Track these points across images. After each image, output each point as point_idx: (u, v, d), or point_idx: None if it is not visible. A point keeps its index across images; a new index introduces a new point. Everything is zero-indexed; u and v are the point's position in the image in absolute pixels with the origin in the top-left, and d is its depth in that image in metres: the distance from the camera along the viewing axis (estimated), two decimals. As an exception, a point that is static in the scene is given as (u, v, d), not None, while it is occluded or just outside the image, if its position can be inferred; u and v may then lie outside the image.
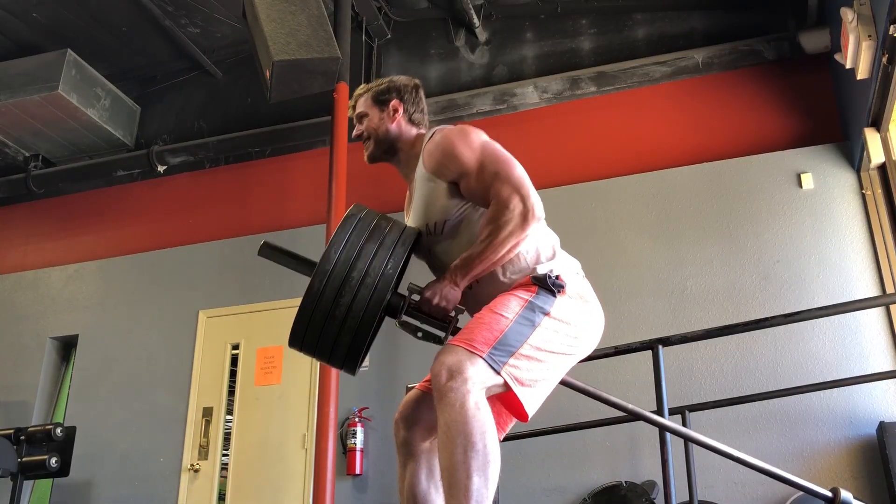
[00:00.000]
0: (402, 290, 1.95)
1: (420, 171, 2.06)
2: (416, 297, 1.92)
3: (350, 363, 1.88)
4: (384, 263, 1.81)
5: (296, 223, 5.64)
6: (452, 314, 1.92)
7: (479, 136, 2.02)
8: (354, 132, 2.23)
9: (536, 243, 1.98)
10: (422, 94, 2.24)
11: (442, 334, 1.92)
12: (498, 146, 2.01)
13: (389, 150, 2.18)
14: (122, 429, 5.40)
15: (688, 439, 2.79)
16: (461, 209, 1.99)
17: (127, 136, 6.36)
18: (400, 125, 2.16)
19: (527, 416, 1.85)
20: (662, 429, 2.51)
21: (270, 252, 1.98)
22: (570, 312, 1.91)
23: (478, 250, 1.89)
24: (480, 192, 1.96)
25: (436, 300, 1.89)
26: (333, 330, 1.80)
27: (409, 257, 1.95)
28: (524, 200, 1.89)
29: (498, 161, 1.96)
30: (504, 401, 1.91)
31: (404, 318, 1.93)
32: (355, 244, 1.83)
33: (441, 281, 1.92)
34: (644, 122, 5.20)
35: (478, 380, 1.73)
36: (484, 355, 1.76)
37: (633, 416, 2.18)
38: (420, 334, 1.93)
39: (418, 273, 2.12)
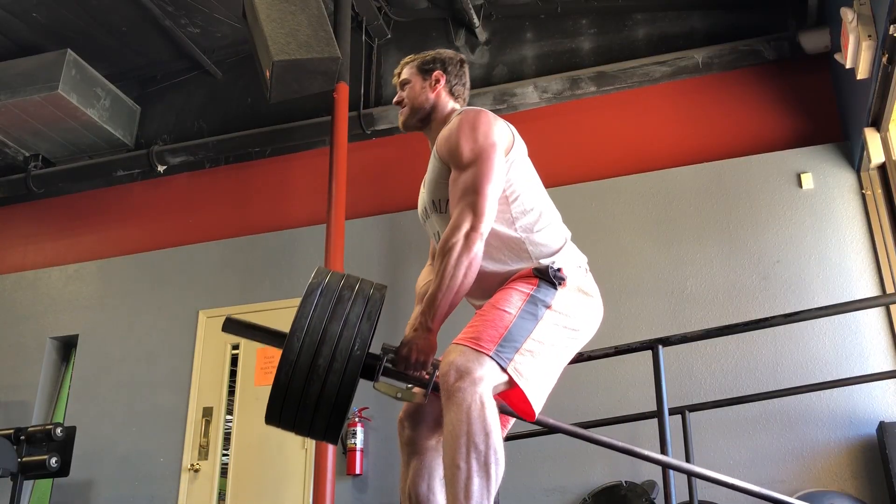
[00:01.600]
0: (376, 348, 1.88)
1: (435, 147, 2.09)
2: (391, 356, 1.88)
3: (330, 437, 1.83)
4: (350, 344, 1.75)
5: (296, 223, 5.64)
6: (431, 368, 1.88)
7: (488, 137, 1.98)
8: (396, 98, 2.27)
9: (543, 235, 1.99)
10: (466, 69, 2.29)
11: (424, 391, 1.89)
12: (496, 155, 1.97)
13: (424, 119, 2.21)
14: (122, 429, 5.40)
15: (691, 474, 2.78)
16: None
17: (127, 136, 6.36)
18: (439, 95, 2.20)
19: (534, 414, 1.85)
20: (666, 466, 2.51)
21: (236, 327, 1.92)
22: (570, 305, 1.92)
23: (435, 286, 1.88)
24: (452, 194, 1.97)
25: (414, 356, 1.87)
26: (307, 415, 1.76)
27: (377, 322, 1.85)
28: (475, 219, 1.88)
29: (482, 174, 1.93)
30: (509, 399, 1.91)
31: (382, 379, 1.88)
32: (318, 326, 1.75)
33: (413, 333, 1.91)
34: (644, 122, 5.20)
35: (486, 379, 1.74)
36: (490, 353, 1.76)
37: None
38: (399, 395, 1.89)
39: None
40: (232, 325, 1.91)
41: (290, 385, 1.73)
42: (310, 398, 1.73)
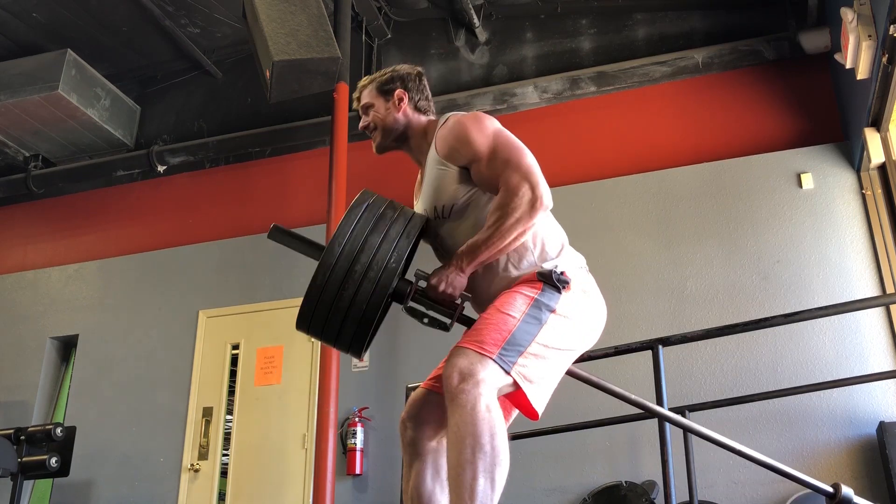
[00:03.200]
0: (410, 275, 1.96)
1: (432, 154, 2.07)
2: (422, 284, 1.93)
3: (355, 347, 1.90)
4: (387, 256, 1.82)
5: (296, 223, 5.63)
6: (458, 300, 1.92)
7: (492, 123, 2.02)
8: (361, 124, 2.23)
9: (544, 238, 1.99)
10: (425, 81, 2.25)
11: (448, 320, 1.93)
12: (510, 134, 2.02)
13: (399, 139, 2.19)
14: (122, 429, 5.40)
15: (687, 429, 2.78)
16: (469, 193, 1.99)
17: (127, 136, 6.36)
18: (406, 114, 2.18)
19: (537, 414, 1.86)
20: (662, 419, 2.51)
21: (280, 235, 1.99)
22: (574, 308, 1.92)
23: (484, 236, 1.89)
24: (490, 179, 1.96)
25: (442, 286, 1.90)
26: (337, 320, 1.83)
27: (417, 245, 1.96)
28: (533, 188, 1.89)
29: (509, 148, 1.96)
30: (512, 399, 1.91)
31: (411, 303, 1.94)
32: (359, 236, 1.84)
33: (447, 267, 1.93)
34: (644, 122, 5.20)
35: (489, 382, 1.74)
36: (494, 357, 1.76)
37: (640, 411, 2.18)
38: (426, 320, 1.93)
39: (427, 258, 2.12)
40: (276, 233, 1.99)
41: (326, 287, 1.80)
42: (342, 301, 1.80)
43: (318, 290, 1.81)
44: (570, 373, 2.00)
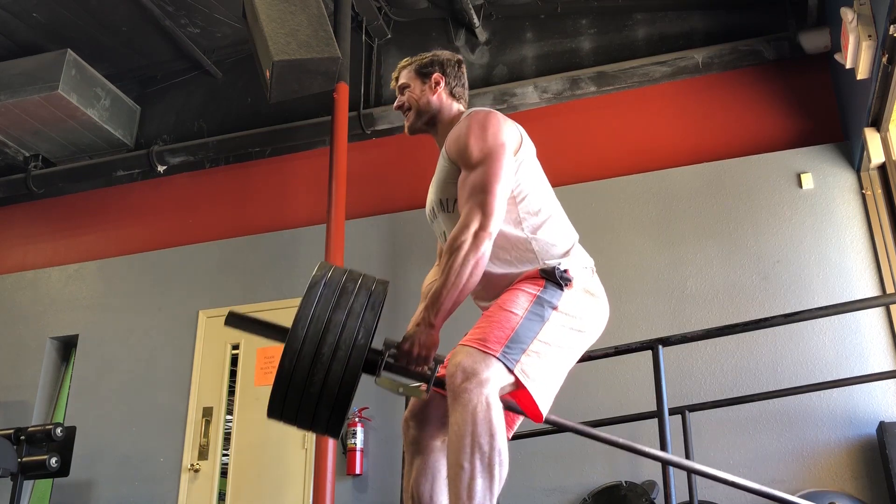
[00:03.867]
0: (378, 343, 1.88)
1: (443, 147, 2.09)
2: (393, 351, 1.87)
3: (333, 430, 1.82)
4: (354, 333, 1.75)
5: (296, 223, 5.64)
6: (432, 364, 1.88)
7: (497, 137, 1.98)
8: (396, 103, 2.26)
9: (550, 237, 1.99)
10: (464, 69, 2.27)
11: (424, 386, 1.88)
12: (504, 159, 1.96)
13: (430, 122, 2.20)
14: (122, 429, 5.40)
15: (691, 471, 2.79)
16: None
17: (127, 136, 6.36)
18: (441, 98, 2.20)
19: (541, 415, 1.86)
20: (665, 463, 2.51)
21: (238, 321, 1.92)
22: (576, 306, 1.92)
23: (440, 284, 1.88)
24: (460, 191, 1.97)
25: (416, 350, 1.87)
26: (310, 406, 1.75)
27: (379, 318, 1.85)
28: (484, 217, 1.88)
29: (491, 175, 1.93)
30: (516, 400, 1.91)
31: (384, 374, 1.88)
32: (322, 315, 1.76)
33: (416, 328, 1.90)
34: (644, 122, 5.20)
35: (493, 380, 1.74)
36: (497, 354, 1.77)
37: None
38: (401, 390, 1.88)
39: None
40: (234, 320, 1.92)
41: (294, 374, 1.73)
42: (313, 387, 1.73)
43: (287, 378, 1.73)
44: (557, 424, 1.97)
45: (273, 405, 1.79)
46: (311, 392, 1.73)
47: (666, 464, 2.42)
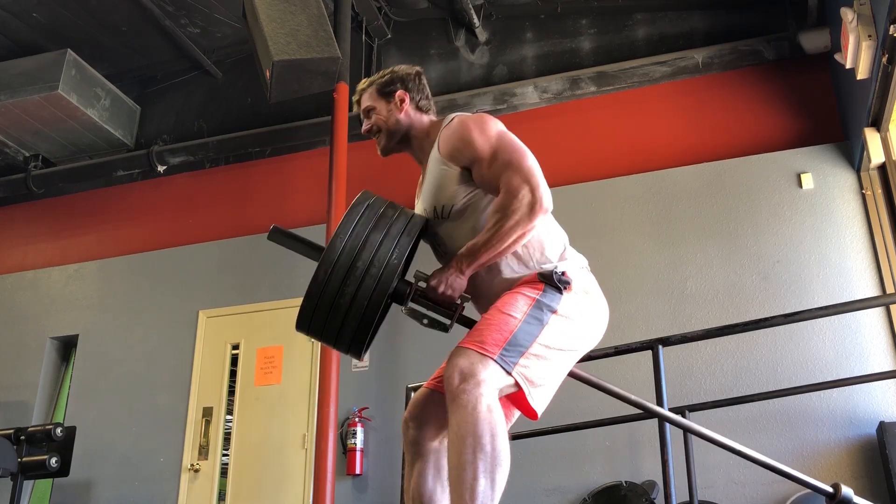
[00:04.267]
0: (409, 276, 1.96)
1: (434, 154, 2.06)
2: (422, 285, 1.93)
3: (355, 348, 1.90)
4: (389, 254, 1.82)
5: (296, 223, 5.64)
6: (458, 301, 1.92)
7: (496, 125, 2.02)
8: (364, 127, 2.24)
9: (545, 240, 1.99)
10: (425, 81, 2.25)
11: (447, 321, 1.93)
12: (513, 137, 2.01)
13: (403, 140, 2.19)
14: (122, 429, 5.40)
15: (686, 429, 2.79)
16: (469, 195, 1.99)
17: (127, 136, 6.36)
18: (409, 114, 2.18)
19: (537, 415, 1.86)
20: (661, 418, 2.51)
21: (280, 237, 1.99)
22: (576, 309, 1.92)
23: (484, 238, 1.89)
24: (491, 180, 1.96)
25: (441, 288, 1.90)
26: (338, 317, 1.82)
27: (417, 245, 1.97)
28: (533, 191, 1.89)
29: (511, 151, 1.95)
30: (513, 399, 1.91)
31: (410, 304, 1.94)
32: (361, 233, 1.84)
33: (447, 269, 1.92)
34: (644, 122, 5.20)
35: (490, 382, 1.74)
36: (495, 357, 1.76)
37: (640, 411, 2.18)
38: (426, 321, 1.94)
39: (427, 259, 2.13)
40: (277, 235, 1.99)
41: (328, 284, 1.80)
42: (344, 298, 1.79)
43: (320, 287, 1.80)
44: (571, 374, 2.00)
45: (303, 315, 1.85)
46: (342, 304, 1.80)
47: (662, 419, 2.42)
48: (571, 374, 2.01)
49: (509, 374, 1.77)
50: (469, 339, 1.82)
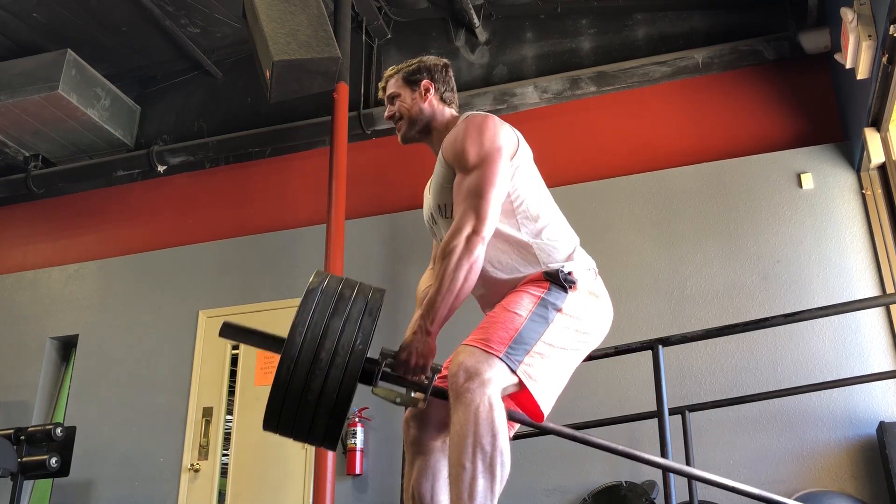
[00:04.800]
0: (374, 352, 1.85)
1: (440, 152, 2.07)
2: (390, 361, 1.86)
3: (329, 441, 1.79)
4: (353, 339, 1.73)
5: (296, 223, 5.64)
6: (429, 373, 1.87)
7: (494, 141, 1.98)
8: (386, 113, 2.22)
9: (555, 241, 1.99)
10: (451, 73, 2.25)
11: (422, 396, 1.87)
12: (500, 165, 1.95)
13: (424, 130, 2.18)
14: (122, 429, 5.40)
15: (692, 477, 2.79)
16: None
17: (127, 136, 6.36)
18: (432, 105, 2.17)
19: (542, 415, 1.86)
20: (666, 470, 2.52)
21: (233, 332, 1.90)
22: (581, 308, 1.92)
23: (435, 289, 1.87)
24: (456, 195, 1.96)
25: (413, 360, 1.85)
26: (308, 414, 1.72)
27: (376, 325, 1.84)
28: (476, 223, 1.87)
29: (486, 179, 1.92)
30: (518, 401, 1.91)
31: (381, 384, 1.85)
32: (320, 321, 1.74)
33: (412, 337, 1.89)
34: (644, 122, 5.20)
35: (495, 381, 1.74)
36: (500, 355, 1.77)
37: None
38: (398, 400, 1.87)
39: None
40: (229, 331, 1.89)
41: (292, 381, 1.70)
42: (311, 394, 1.69)
43: (284, 385, 1.70)
44: (556, 433, 1.97)
45: (270, 415, 1.75)
46: (309, 399, 1.70)
47: (666, 470, 2.42)
48: (557, 433, 1.98)
49: (514, 372, 1.77)
50: (474, 338, 1.82)
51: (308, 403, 1.70)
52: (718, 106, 5.08)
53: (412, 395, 1.90)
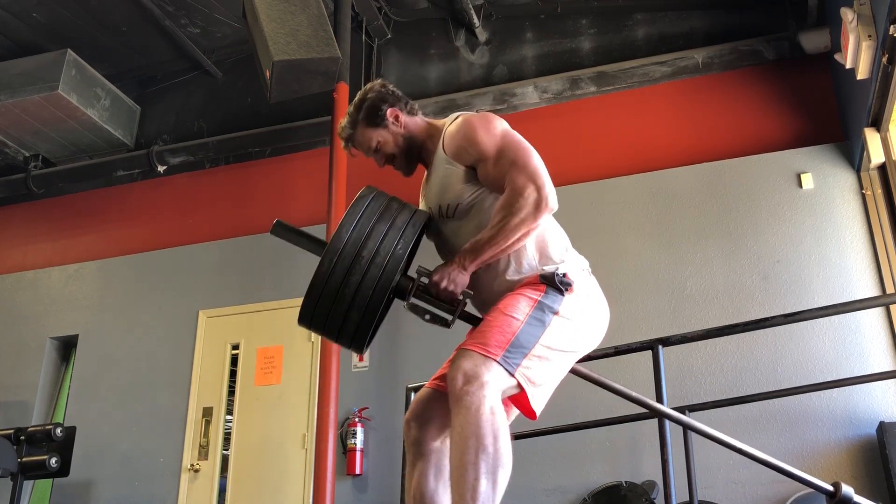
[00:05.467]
0: (412, 272, 1.95)
1: (440, 154, 2.06)
2: (424, 280, 1.92)
3: (357, 342, 1.88)
4: (394, 244, 1.82)
5: (296, 223, 5.50)
6: (461, 297, 1.90)
7: (501, 124, 2.02)
8: (380, 163, 2.16)
9: (547, 241, 1.99)
10: (391, 85, 2.19)
11: (449, 317, 1.91)
12: (518, 136, 2.01)
13: (419, 152, 2.15)
14: (122, 429, 5.40)
15: (687, 426, 2.79)
16: (475, 193, 1.99)
17: (127, 136, 6.36)
18: (407, 125, 2.14)
19: (535, 414, 1.86)
20: (662, 416, 2.52)
21: (283, 231, 1.98)
22: (577, 310, 1.92)
23: (488, 235, 1.89)
24: (496, 179, 1.96)
25: (444, 283, 1.88)
26: (342, 308, 1.80)
27: (420, 239, 1.96)
28: (539, 189, 1.89)
29: (517, 149, 1.96)
30: (513, 399, 1.92)
31: (413, 300, 1.92)
32: (366, 224, 1.84)
33: (450, 264, 1.91)
34: (644, 122, 5.20)
35: (493, 384, 1.75)
36: (498, 359, 1.77)
37: (641, 411, 2.18)
38: (428, 317, 1.93)
39: (428, 257, 2.12)
40: (280, 229, 1.97)
41: (332, 274, 1.78)
42: (349, 288, 1.78)
43: (325, 277, 1.79)
44: (574, 371, 2.00)
45: (306, 306, 1.83)
46: (346, 293, 1.78)
47: (662, 416, 2.43)
48: (574, 372, 2.01)
49: (512, 375, 1.78)
50: (472, 341, 1.83)
51: (343, 298, 1.78)
52: (718, 106, 5.08)
53: (442, 315, 1.93)
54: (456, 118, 2.08)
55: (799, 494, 3.86)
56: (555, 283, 1.90)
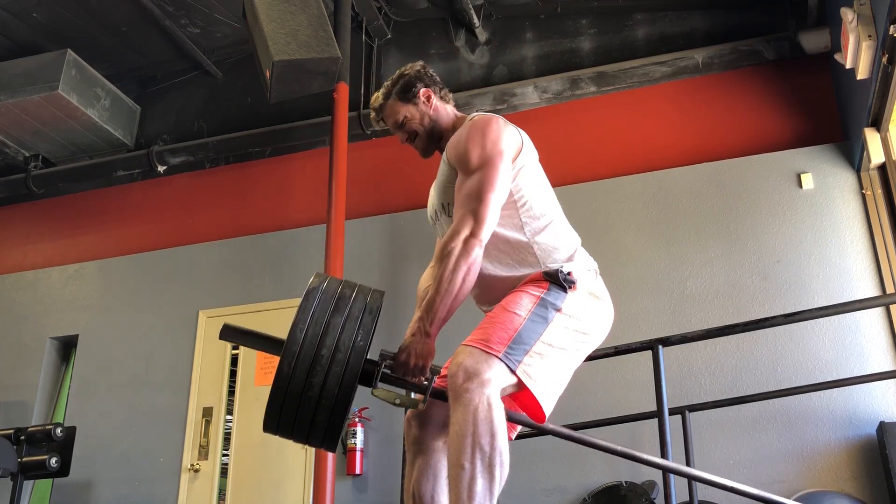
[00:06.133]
0: (374, 354, 1.85)
1: (445, 151, 2.08)
2: (390, 363, 1.86)
3: (330, 441, 1.79)
4: (353, 336, 1.73)
5: (296, 223, 5.64)
6: (429, 374, 1.87)
7: (496, 145, 1.97)
8: (402, 139, 2.17)
9: (556, 242, 1.99)
10: (431, 70, 2.22)
11: (421, 396, 1.87)
12: (502, 168, 1.95)
13: (440, 137, 2.16)
14: (122, 429, 5.40)
15: (691, 478, 2.79)
16: None
17: (127, 136, 6.36)
18: (437, 109, 2.16)
19: (544, 415, 1.86)
20: (666, 471, 2.53)
21: (233, 334, 1.89)
22: (580, 308, 1.93)
23: (433, 292, 1.88)
24: (457, 196, 1.97)
25: (412, 361, 1.85)
26: (308, 411, 1.71)
27: (376, 324, 1.85)
28: (476, 223, 1.87)
29: (487, 183, 1.92)
30: (520, 401, 1.92)
31: (381, 385, 1.85)
32: (321, 318, 1.74)
33: (411, 337, 1.89)
34: (644, 122, 5.20)
35: (494, 381, 1.74)
36: (500, 355, 1.77)
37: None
38: (398, 401, 1.86)
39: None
40: (229, 333, 1.88)
41: (293, 378, 1.69)
42: (312, 391, 1.68)
43: (285, 382, 1.69)
44: (573, 439, 1.98)
45: (270, 415, 1.73)
46: (310, 397, 1.69)
47: (665, 470, 2.43)
48: (558, 434, 1.98)
49: (513, 372, 1.78)
50: (474, 338, 1.83)
51: (309, 401, 1.69)
52: (718, 106, 5.08)
53: (412, 396, 1.90)
54: (470, 119, 2.08)
55: (799, 495, 3.86)
56: (558, 280, 1.90)
